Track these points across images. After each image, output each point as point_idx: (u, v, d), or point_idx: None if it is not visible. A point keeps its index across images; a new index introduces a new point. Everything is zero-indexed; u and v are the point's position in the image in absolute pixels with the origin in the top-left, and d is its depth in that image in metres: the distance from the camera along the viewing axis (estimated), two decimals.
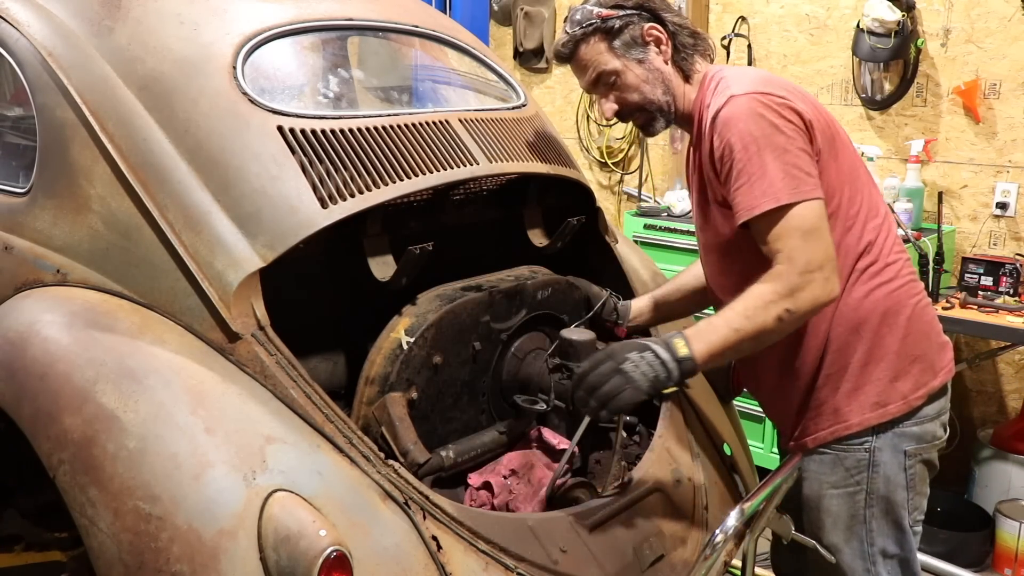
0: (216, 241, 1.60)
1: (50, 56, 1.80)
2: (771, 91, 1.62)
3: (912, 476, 1.74)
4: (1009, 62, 3.36)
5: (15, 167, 2.00)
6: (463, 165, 1.87)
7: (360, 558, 1.39)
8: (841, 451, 1.74)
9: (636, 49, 1.76)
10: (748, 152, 1.58)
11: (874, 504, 1.74)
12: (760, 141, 1.58)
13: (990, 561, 3.16)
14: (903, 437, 1.72)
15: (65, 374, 1.53)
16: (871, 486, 1.73)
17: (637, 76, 1.76)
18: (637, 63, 1.76)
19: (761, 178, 1.57)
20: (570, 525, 1.74)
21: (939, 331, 1.79)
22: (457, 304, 1.84)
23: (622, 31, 1.75)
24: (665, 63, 1.78)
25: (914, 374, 1.71)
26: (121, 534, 1.39)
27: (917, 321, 1.72)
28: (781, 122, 1.59)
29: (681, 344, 1.55)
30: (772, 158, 1.57)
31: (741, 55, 4.05)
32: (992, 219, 3.48)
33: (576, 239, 2.25)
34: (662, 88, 1.77)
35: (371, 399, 1.75)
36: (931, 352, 1.74)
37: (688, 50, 1.78)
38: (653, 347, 1.55)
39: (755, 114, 1.59)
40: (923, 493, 1.79)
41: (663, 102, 1.78)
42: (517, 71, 4.85)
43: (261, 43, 1.82)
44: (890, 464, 1.72)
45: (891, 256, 1.72)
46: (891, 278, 1.70)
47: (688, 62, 1.78)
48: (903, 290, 1.71)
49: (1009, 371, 3.54)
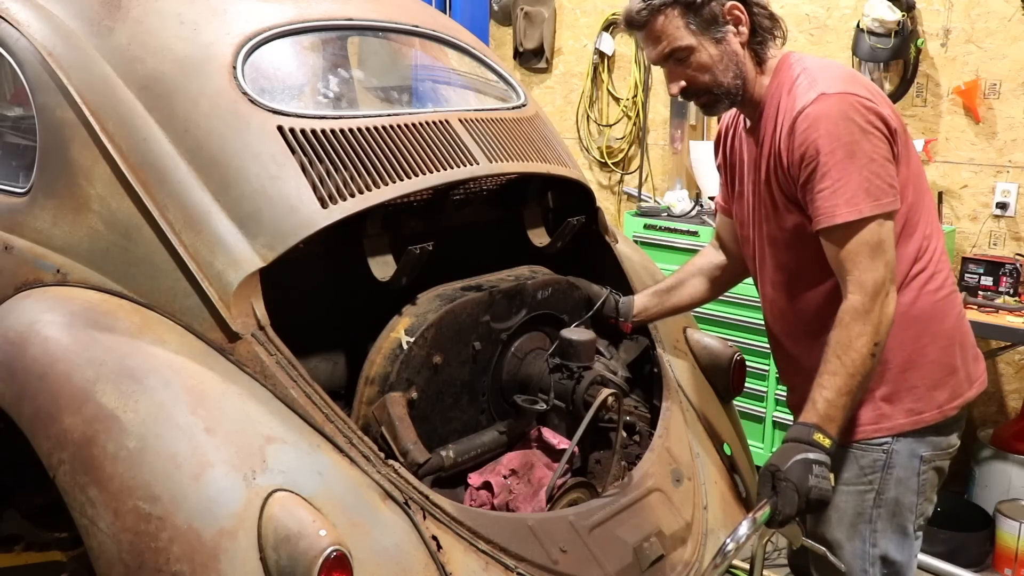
0: (216, 241, 1.60)
1: (50, 56, 1.80)
2: (860, 93, 1.58)
3: (924, 481, 1.73)
4: (1009, 62, 3.35)
5: (15, 167, 2.00)
6: (463, 165, 1.87)
7: (360, 558, 1.39)
8: (859, 449, 1.73)
9: (714, 28, 1.67)
10: (835, 156, 1.55)
11: (882, 505, 1.73)
12: (849, 146, 1.55)
13: (990, 561, 3.16)
14: (922, 442, 1.71)
15: (65, 374, 1.53)
16: (882, 486, 1.72)
17: (711, 57, 1.68)
18: (713, 43, 1.68)
19: (845, 186, 1.55)
20: (570, 525, 1.74)
21: (974, 342, 1.78)
22: (457, 304, 1.84)
23: (703, 7, 1.66)
24: (742, 46, 1.69)
25: (951, 384, 1.70)
26: (121, 534, 1.39)
27: (956, 332, 1.72)
28: (869, 127, 1.56)
29: (822, 438, 1.58)
30: (858, 166, 1.55)
31: None
32: (992, 219, 3.48)
33: (576, 239, 2.25)
34: (734, 72, 1.70)
35: (371, 399, 1.75)
36: (968, 363, 1.74)
37: (766, 33, 1.71)
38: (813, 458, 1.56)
39: (845, 117, 1.55)
40: (931, 500, 1.78)
41: (732, 86, 1.70)
42: (517, 71, 4.85)
43: (261, 43, 1.82)
44: (905, 467, 1.71)
45: (940, 264, 1.71)
46: (938, 287, 1.70)
47: (764, 47, 1.71)
48: (948, 300, 1.71)
49: (1009, 371, 3.54)
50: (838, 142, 1.55)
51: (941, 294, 1.70)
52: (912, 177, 1.67)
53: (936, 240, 1.72)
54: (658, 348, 2.18)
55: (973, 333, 1.80)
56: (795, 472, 1.55)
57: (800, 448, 1.57)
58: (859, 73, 1.72)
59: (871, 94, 1.60)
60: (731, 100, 1.74)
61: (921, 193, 1.69)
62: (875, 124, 1.57)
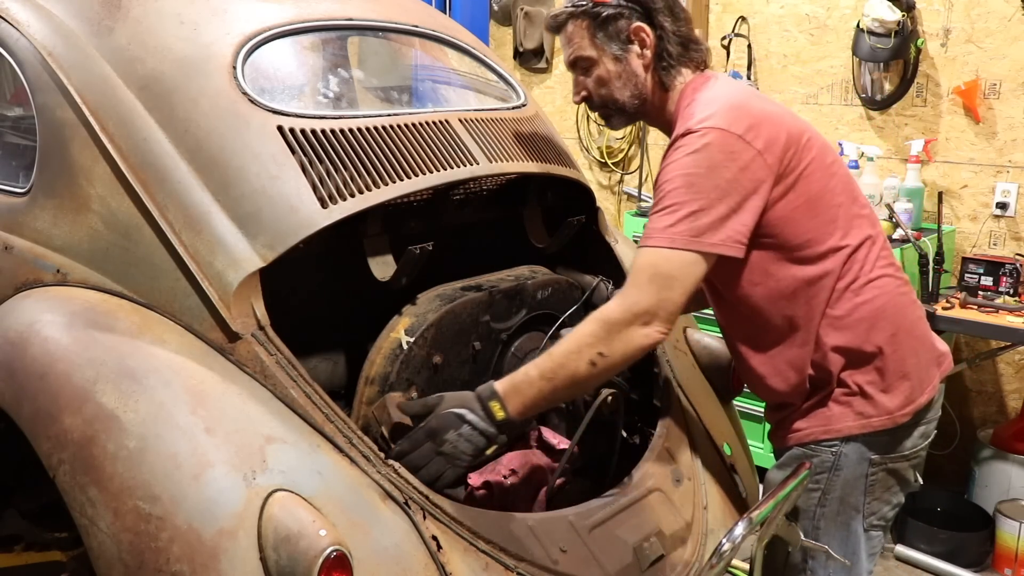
0: (216, 241, 1.60)
1: (50, 56, 1.80)
2: (732, 128, 1.56)
3: (873, 482, 1.72)
4: (1009, 62, 3.36)
5: (15, 167, 2.00)
6: (463, 165, 1.87)
7: (360, 558, 1.39)
8: (809, 451, 1.74)
9: (616, 44, 1.71)
10: (674, 184, 1.57)
11: (827, 504, 1.73)
12: (692, 179, 1.55)
13: (990, 561, 3.16)
14: (872, 446, 1.70)
15: (65, 374, 1.53)
16: (828, 486, 1.73)
17: (609, 72, 1.73)
18: (613, 59, 1.72)
19: (672, 215, 1.56)
20: (570, 525, 1.74)
21: (931, 346, 1.76)
22: (457, 304, 1.84)
23: (609, 22, 1.70)
24: (645, 68, 1.73)
25: (903, 390, 1.69)
26: (121, 534, 1.39)
27: (907, 338, 1.69)
28: (723, 163, 1.55)
29: (498, 408, 1.58)
30: (692, 199, 1.55)
31: (741, 55, 4.05)
32: (992, 219, 3.48)
33: (576, 239, 2.25)
34: (631, 91, 1.74)
35: (371, 399, 1.75)
36: (920, 369, 1.71)
37: (672, 60, 1.72)
38: (470, 419, 1.57)
39: (701, 151, 1.56)
40: (884, 500, 1.76)
41: (629, 104, 1.75)
42: (517, 71, 4.85)
43: (261, 43, 1.82)
44: (853, 469, 1.71)
45: (874, 272, 1.68)
46: (872, 297, 1.67)
47: (669, 72, 1.73)
48: (888, 307, 1.68)
49: (1009, 371, 3.54)
50: (682, 172, 1.57)
51: (878, 303, 1.67)
52: (815, 196, 1.63)
53: (867, 250, 1.68)
54: (658, 348, 2.18)
55: (934, 336, 1.79)
56: (442, 420, 1.58)
57: (468, 404, 1.59)
58: (755, 99, 1.67)
59: (751, 122, 1.57)
60: (627, 117, 1.80)
61: (831, 211, 1.65)
62: (736, 162, 1.55)
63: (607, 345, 1.56)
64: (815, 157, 1.64)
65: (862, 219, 1.70)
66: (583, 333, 1.58)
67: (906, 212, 3.34)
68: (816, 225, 1.64)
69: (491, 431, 1.58)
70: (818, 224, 1.64)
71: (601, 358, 1.56)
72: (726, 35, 4.05)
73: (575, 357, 1.57)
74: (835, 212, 1.66)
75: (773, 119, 1.61)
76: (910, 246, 3.16)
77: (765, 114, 1.61)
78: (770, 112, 1.63)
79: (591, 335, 1.57)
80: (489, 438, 1.59)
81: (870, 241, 1.70)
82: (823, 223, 1.64)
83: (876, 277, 1.68)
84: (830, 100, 3.84)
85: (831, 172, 1.67)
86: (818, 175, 1.64)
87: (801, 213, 1.62)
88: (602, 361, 1.56)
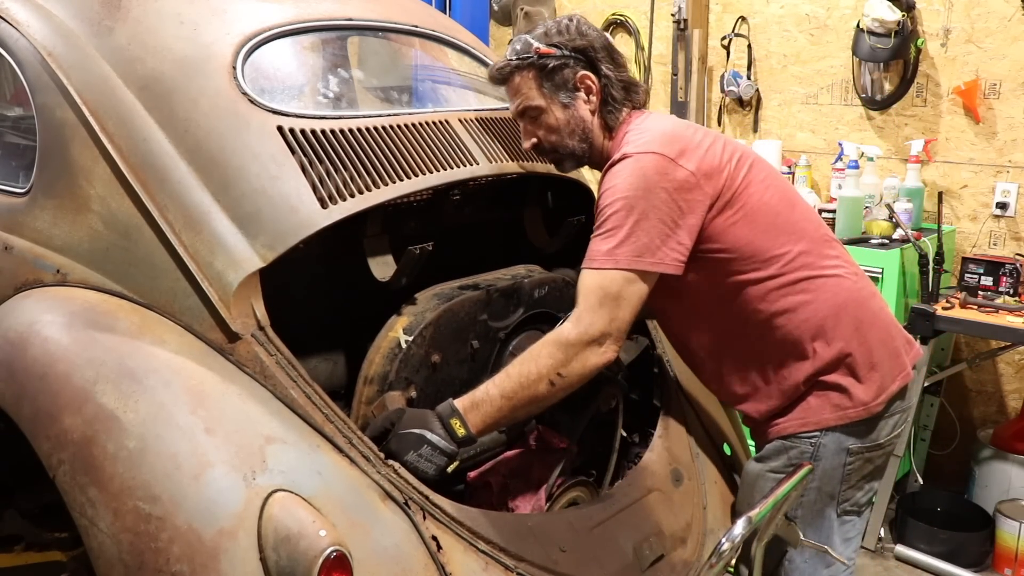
0: (216, 241, 1.60)
1: (50, 56, 1.80)
2: (665, 152, 1.64)
3: (850, 471, 1.77)
4: (1009, 62, 3.36)
5: (15, 167, 2.00)
6: (463, 165, 1.87)
7: (360, 558, 1.39)
8: (789, 443, 1.77)
9: (564, 93, 1.78)
10: (613, 208, 1.63)
11: (804, 494, 1.77)
12: (630, 201, 1.62)
13: (990, 561, 3.16)
14: (850, 436, 1.75)
15: (65, 374, 1.53)
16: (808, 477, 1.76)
17: (558, 120, 1.80)
18: (562, 107, 1.79)
19: (613, 237, 1.63)
20: (570, 525, 1.74)
21: (896, 335, 1.81)
22: (455, 303, 1.84)
23: (555, 72, 1.77)
24: (591, 113, 1.80)
25: (875, 380, 1.74)
26: (121, 534, 1.39)
27: (870, 329, 1.74)
28: (659, 185, 1.62)
29: (458, 425, 1.61)
30: (632, 222, 1.62)
31: (741, 55, 4.05)
32: (992, 219, 3.48)
33: (576, 239, 2.25)
34: (579, 136, 1.81)
35: (370, 398, 1.75)
36: (889, 358, 1.76)
37: (616, 103, 1.80)
38: (431, 439, 1.59)
39: (637, 174, 1.63)
40: (858, 487, 1.81)
41: (578, 148, 1.83)
42: None
43: (261, 43, 1.82)
44: (831, 460, 1.76)
45: (824, 272, 1.73)
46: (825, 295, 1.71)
47: (614, 115, 1.80)
48: (847, 303, 1.73)
49: (1009, 371, 3.54)
50: (620, 196, 1.63)
51: (834, 299, 1.72)
52: (755, 209, 1.70)
53: (810, 252, 1.73)
54: (658, 348, 2.18)
55: (898, 326, 1.83)
56: (402, 441, 1.60)
57: (429, 424, 1.61)
58: (688, 128, 1.75)
59: (683, 148, 1.65)
60: (576, 161, 1.87)
61: (771, 218, 1.71)
62: (671, 183, 1.62)
63: (565, 367, 1.62)
64: (748, 174, 1.72)
65: (804, 224, 1.77)
66: (541, 355, 1.64)
67: (906, 212, 3.34)
68: (755, 236, 1.70)
69: (451, 449, 1.61)
70: (757, 234, 1.70)
71: (559, 378, 1.62)
72: (726, 35, 4.05)
73: (535, 379, 1.62)
74: (773, 221, 1.72)
75: (703, 144, 1.70)
76: (910, 246, 3.16)
77: (696, 141, 1.70)
78: (700, 139, 1.71)
79: (549, 356, 1.63)
80: (450, 456, 1.61)
81: (813, 244, 1.75)
82: (762, 233, 1.71)
83: (826, 276, 1.73)
84: (830, 100, 3.84)
85: (766, 185, 1.74)
86: (752, 189, 1.71)
87: (740, 227, 1.69)
88: (560, 381, 1.63)
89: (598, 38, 1.80)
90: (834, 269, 1.75)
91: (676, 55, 4.14)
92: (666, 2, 4.22)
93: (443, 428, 1.61)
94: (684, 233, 1.64)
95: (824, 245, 1.77)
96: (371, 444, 1.58)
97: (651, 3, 4.29)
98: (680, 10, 4.06)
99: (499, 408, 1.62)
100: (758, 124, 4.06)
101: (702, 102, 4.17)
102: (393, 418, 1.64)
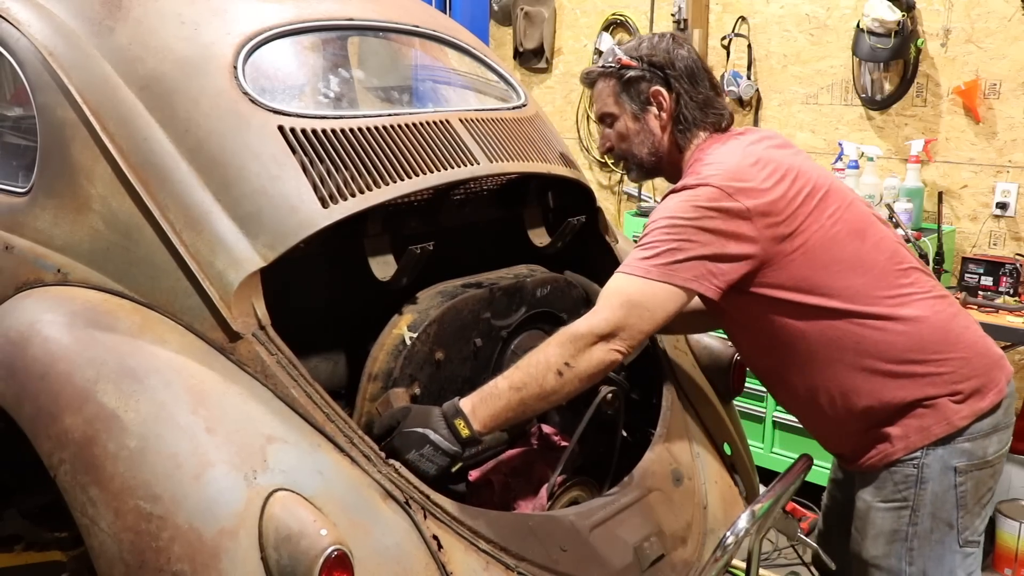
0: (217, 241, 1.60)
1: (51, 56, 1.80)
2: (721, 185, 1.64)
3: (963, 494, 1.72)
4: (1009, 62, 3.36)
5: (16, 167, 2.00)
6: (463, 165, 1.87)
7: (361, 557, 1.39)
8: (892, 468, 1.73)
9: (636, 104, 1.84)
10: (659, 224, 1.66)
11: (919, 522, 1.72)
12: (677, 222, 1.64)
13: (990, 561, 3.16)
14: (954, 453, 1.70)
15: (66, 374, 1.53)
16: (917, 502, 1.72)
17: (629, 129, 1.86)
18: (633, 118, 1.85)
19: (651, 249, 1.64)
20: (570, 524, 1.74)
21: (985, 352, 1.77)
22: (458, 300, 1.84)
23: (632, 84, 1.83)
24: (662, 128, 1.84)
25: (966, 394, 1.70)
26: (122, 533, 1.39)
27: (954, 347, 1.71)
28: (707, 215, 1.62)
29: (462, 425, 1.60)
30: (673, 239, 1.63)
31: (741, 55, 4.05)
32: (992, 219, 3.48)
33: (576, 239, 2.25)
34: (648, 148, 1.86)
35: (374, 395, 1.75)
36: (976, 375, 1.72)
37: (688, 123, 1.82)
38: (433, 438, 1.59)
39: (690, 200, 1.65)
40: (976, 513, 1.75)
41: (647, 160, 1.87)
42: (517, 71, 4.85)
43: (262, 43, 1.82)
44: (939, 481, 1.71)
45: (907, 296, 1.70)
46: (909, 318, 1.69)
47: (685, 135, 1.83)
48: (909, 329, 1.69)
49: None
50: (669, 215, 1.66)
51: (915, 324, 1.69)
52: (820, 245, 1.68)
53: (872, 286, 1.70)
54: (658, 348, 2.18)
55: (988, 342, 1.79)
56: (405, 439, 1.60)
57: (433, 423, 1.61)
58: (756, 165, 1.71)
59: (743, 190, 1.64)
60: (645, 172, 1.93)
61: (836, 253, 1.69)
62: (721, 216, 1.62)
63: (573, 358, 1.62)
64: (816, 208, 1.69)
65: (875, 255, 1.73)
66: (550, 346, 1.65)
67: (906, 212, 3.34)
68: (814, 271, 1.69)
69: (454, 450, 1.60)
70: (816, 270, 1.69)
71: (568, 368, 1.62)
72: (726, 35, 4.05)
73: (543, 368, 1.62)
74: (836, 255, 1.70)
75: (769, 181, 1.67)
76: (910, 246, 3.16)
77: (760, 178, 1.67)
78: (767, 176, 1.68)
79: (559, 346, 1.63)
80: (453, 457, 1.61)
81: (883, 275, 1.72)
82: (821, 269, 1.69)
83: (900, 305, 1.70)
84: (830, 100, 3.84)
85: (835, 219, 1.71)
86: (817, 225, 1.69)
87: (798, 264, 1.68)
88: (568, 372, 1.62)
89: (684, 58, 1.82)
90: (909, 298, 1.71)
91: None
92: (666, 2, 4.22)
93: (447, 428, 1.60)
94: (727, 265, 1.64)
95: (897, 275, 1.72)
96: (372, 443, 1.58)
97: (651, 3, 4.30)
98: (680, 10, 4.06)
99: (507, 401, 1.61)
100: (758, 124, 4.06)
101: None
102: (399, 416, 1.64)
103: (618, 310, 1.63)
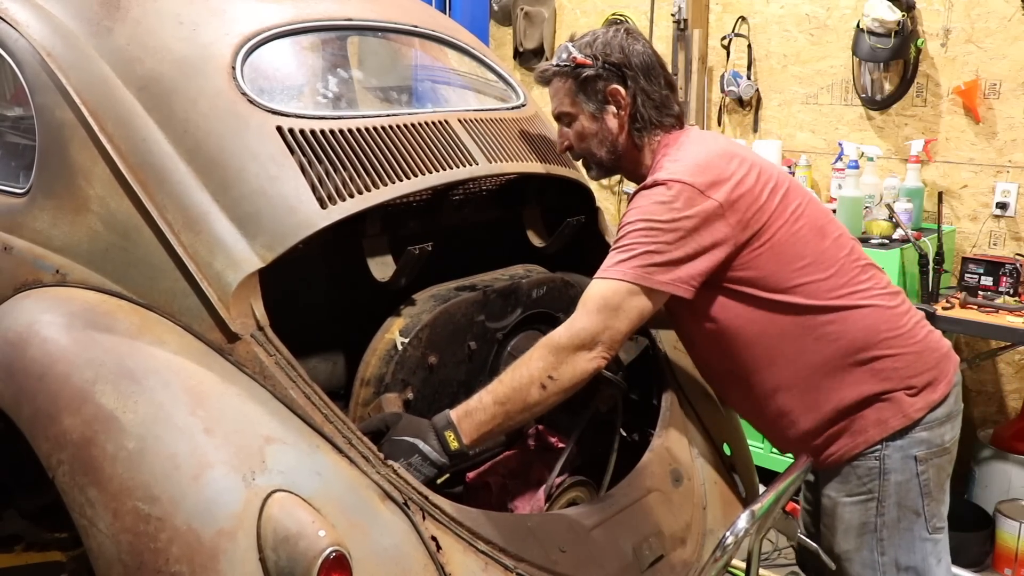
0: (215, 241, 1.60)
1: (49, 56, 1.80)
2: (692, 180, 1.65)
3: (926, 481, 1.75)
4: (1009, 62, 3.35)
5: (14, 167, 2.00)
6: (462, 165, 1.87)
7: (359, 558, 1.39)
8: (852, 463, 1.76)
9: (594, 104, 1.82)
10: (634, 226, 1.66)
11: (885, 512, 1.75)
12: (651, 223, 1.64)
13: (990, 561, 3.16)
14: (912, 443, 1.73)
15: (64, 374, 1.53)
16: (882, 493, 1.75)
17: (587, 129, 1.84)
18: (591, 117, 1.83)
19: (627, 252, 1.65)
20: (569, 525, 1.74)
21: (936, 346, 1.79)
22: (451, 304, 1.84)
23: (587, 82, 1.80)
24: (620, 126, 1.82)
25: (920, 386, 1.73)
26: (120, 534, 1.39)
27: (908, 342, 1.74)
28: (683, 213, 1.63)
29: (452, 438, 1.61)
30: (648, 241, 1.64)
31: (741, 55, 4.05)
32: (992, 219, 3.48)
33: (576, 239, 2.25)
34: (607, 147, 1.85)
35: (367, 400, 1.75)
36: (928, 369, 1.75)
37: (645, 122, 1.81)
38: (423, 449, 1.60)
39: (661, 200, 1.65)
40: (941, 500, 1.80)
41: (605, 159, 1.87)
42: (517, 71, 4.85)
43: (260, 43, 1.82)
44: (901, 471, 1.74)
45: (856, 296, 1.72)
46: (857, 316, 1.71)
47: (642, 134, 1.82)
48: (867, 324, 1.72)
49: (1009, 371, 3.54)
50: (642, 217, 1.66)
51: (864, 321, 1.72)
52: (783, 241, 1.70)
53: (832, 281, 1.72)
54: (658, 348, 2.18)
55: (936, 334, 1.83)
56: (394, 447, 1.61)
57: (424, 434, 1.61)
58: (722, 158, 1.72)
59: (713, 183, 1.65)
60: (603, 170, 1.92)
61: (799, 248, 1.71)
62: (696, 213, 1.63)
63: (555, 370, 1.62)
64: (780, 204, 1.71)
65: (835, 252, 1.75)
66: (532, 359, 1.64)
67: (906, 212, 3.34)
68: (780, 266, 1.70)
69: (443, 462, 1.61)
70: (782, 265, 1.71)
71: (551, 381, 1.62)
72: (726, 35, 4.05)
73: (526, 382, 1.62)
74: (800, 251, 1.72)
75: (736, 174, 1.69)
76: (910, 246, 3.16)
77: (729, 171, 1.69)
78: (734, 169, 1.69)
79: (540, 359, 1.63)
80: (440, 468, 1.61)
81: (844, 272, 1.74)
82: (786, 264, 1.71)
83: (858, 300, 1.72)
84: (830, 100, 3.84)
85: (796, 216, 1.73)
86: (781, 221, 1.71)
87: (765, 258, 1.69)
88: (551, 385, 1.63)
89: (640, 54, 1.80)
90: (865, 293, 1.74)
91: (676, 55, 4.14)
92: (666, 2, 4.22)
93: (437, 440, 1.61)
94: (701, 261, 1.65)
95: (856, 271, 1.75)
96: (370, 444, 1.58)
97: (651, 3, 4.30)
98: (680, 10, 4.06)
99: (492, 415, 1.62)
100: (758, 124, 4.06)
101: (702, 102, 4.17)
102: (389, 421, 1.64)
103: (596, 316, 1.63)
